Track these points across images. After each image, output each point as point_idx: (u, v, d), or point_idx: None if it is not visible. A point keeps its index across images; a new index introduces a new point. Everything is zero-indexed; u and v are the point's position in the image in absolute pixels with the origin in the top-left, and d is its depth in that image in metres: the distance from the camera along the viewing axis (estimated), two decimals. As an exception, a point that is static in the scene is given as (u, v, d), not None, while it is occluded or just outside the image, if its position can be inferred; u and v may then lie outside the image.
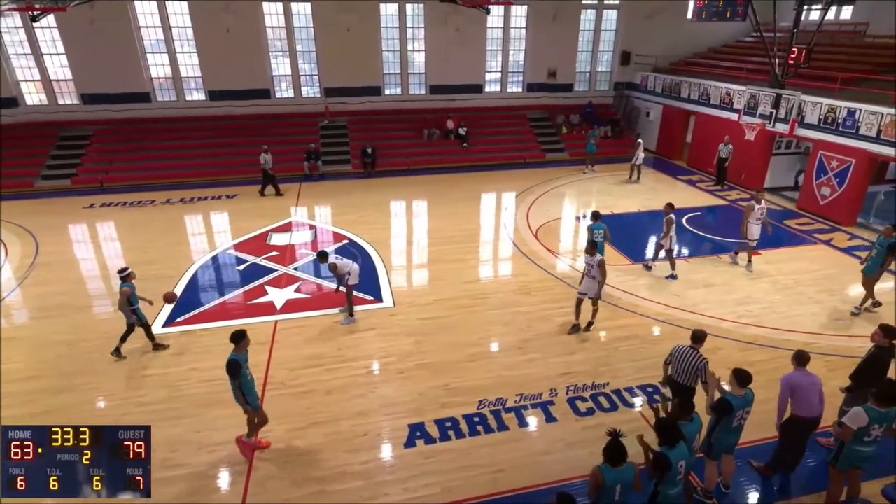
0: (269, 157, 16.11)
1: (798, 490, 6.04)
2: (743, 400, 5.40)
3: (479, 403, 7.34)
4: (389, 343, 8.81)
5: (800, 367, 5.72)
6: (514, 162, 20.24)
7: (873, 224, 14.14)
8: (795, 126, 14.95)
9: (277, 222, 14.25)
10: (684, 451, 4.67)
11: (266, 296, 10.34)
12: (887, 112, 12.75)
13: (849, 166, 13.76)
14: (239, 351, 6.09)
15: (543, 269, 11.57)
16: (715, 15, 16.79)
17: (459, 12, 19.85)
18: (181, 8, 18.65)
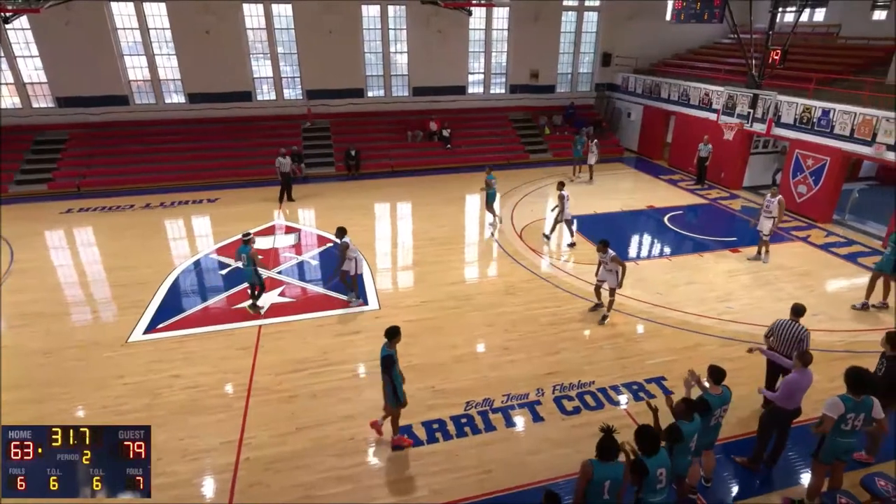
0: (287, 161, 15.88)
1: (781, 483, 6.15)
2: (720, 398, 5.46)
3: (466, 404, 7.34)
4: (375, 346, 8.67)
5: (803, 368, 5.75)
6: (498, 163, 20.26)
7: (848, 221, 14.49)
8: (772, 126, 15.25)
9: (260, 226, 14.11)
10: (665, 459, 4.66)
11: (249, 300, 10.21)
12: (860, 112, 13.07)
13: (824, 165, 14.07)
14: (392, 346, 6.15)
15: (528, 268, 11.63)
16: (693, 17, 17.08)
17: (441, 14, 19.88)
18: (159, 9, 18.38)
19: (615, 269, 9.14)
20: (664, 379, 7.86)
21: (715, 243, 13.06)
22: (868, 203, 15.27)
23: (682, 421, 5.07)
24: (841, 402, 5.15)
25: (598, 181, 18.28)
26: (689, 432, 5.02)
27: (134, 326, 9.30)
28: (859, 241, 13.19)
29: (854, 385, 5.16)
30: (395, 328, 6.23)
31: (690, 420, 5.10)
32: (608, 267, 9.22)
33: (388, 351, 6.13)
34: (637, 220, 14.85)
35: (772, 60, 14.90)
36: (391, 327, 6.24)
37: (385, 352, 6.13)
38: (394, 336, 6.18)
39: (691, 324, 9.39)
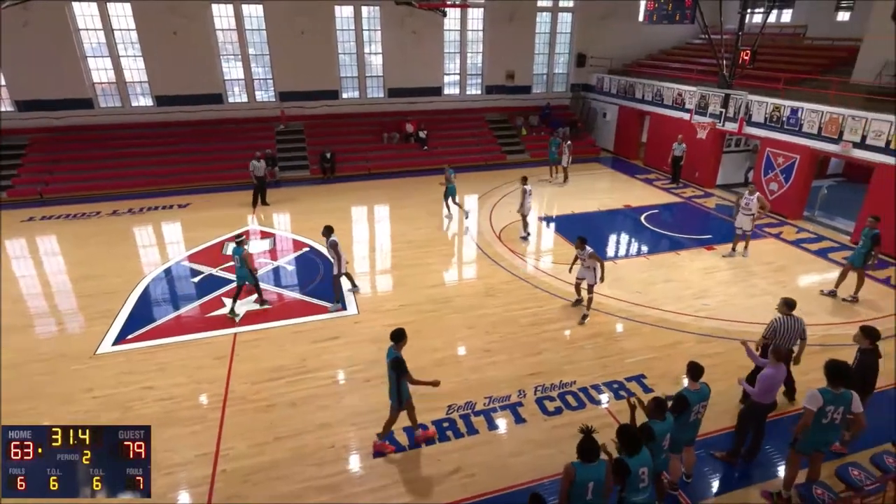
0: (262, 164, 15.63)
1: (759, 476, 6.29)
2: (698, 394, 5.56)
3: (448, 408, 7.34)
4: (354, 351, 8.71)
5: (777, 363, 5.89)
6: (476, 164, 20.41)
7: (818, 217, 14.96)
8: (743, 125, 15.66)
9: (233, 231, 13.86)
10: (646, 458, 4.70)
11: (224, 308, 10.05)
12: (827, 110, 13.51)
13: (794, 162, 14.51)
14: (398, 349, 6.16)
15: (507, 270, 11.70)
16: (664, 18, 17.43)
17: (416, 15, 19.90)
18: (124, 10, 17.98)
19: (593, 266, 9.34)
20: (644, 377, 7.99)
21: (690, 241, 13.33)
22: (836, 199, 15.80)
23: (654, 420, 5.15)
24: (820, 394, 5.28)
25: (575, 181, 18.50)
26: (660, 431, 5.07)
27: (102, 338, 9.05)
28: (829, 236, 13.62)
29: (833, 378, 5.30)
30: (401, 331, 6.24)
31: (662, 419, 5.16)
32: (586, 264, 9.42)
33: (396, 353, 6.15)
34: (614, 219, 15.07)
35: (742, 61, 15.31)
36: (397, 330, 6.24)
37: (393, 354, 6.14)
38: (400, 339, 6.20)
39: (669, 321, 9.56)
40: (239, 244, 9.60)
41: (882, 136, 12.26)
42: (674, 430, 5.28)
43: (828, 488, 5.39)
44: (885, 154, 12.27)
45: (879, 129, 12.31)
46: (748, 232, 12.15)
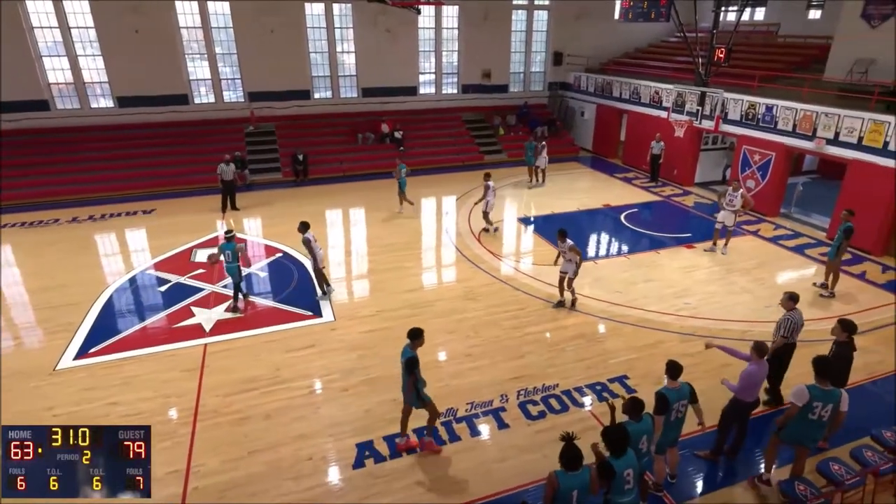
0: (230, 168, 15.35)
1: (743, 474, 6.43)
2: (678, 393, 5.63)
3: (429, 415, 7.31)
4: (331, 359, 8.62)
5: (759, 359, 6.03)
6: (453, 165, 20.45)
7: (794, 214, 15.39)
8: (720, 122, 16.03)
9: (202, 237, 13.64)
10: (632, 460, 4.75)
11: (193, 318, 9.85)
12: (801, 108, 13.93)
13: (770, 159, 14.91)
14: (414, 347, 6.22)
15: (488, 272, 11.74)
16: (640, 16, 17.78)
17: (389, 13, 19.87)
18: (81, 7, 17.53)
19: (573, 259, 9.70)
20: (627, 378, 8.09)
21: (670, 240, 13.58)
22: (812, 196, 16.28)
23: (630, 421, 5.20)
24: (807, 390, 5.44)
25: (554, 181, 18.67)
26: (635, 432, 5.11)
27: (63, 352, 8.78)
28: (805, 233, 14.02)
29: (821, 373, 5.47)
30: (418, 329, 6.31)
31: (638, 420, 5.20)
32: (567, 257, 9.77)
33: (412, 353, 6.21)
34: (594, 219, 15.26)
35: (717, 58, 15.68)
36: (414, 328, 6.32)
37: (409, 353, 6.20)
38: (417, 337, 6.26)
39: (651, 321, 9.71)
40: (229, 240, 9.75)
41: (854, 132, 12.69)
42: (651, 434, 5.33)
43: (810, 484, 5.53)
44: (857, 150, 12.69)
45: (851, 125, 12.74)
46: (730, 228, 12.44)
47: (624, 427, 4.94)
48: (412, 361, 6.18)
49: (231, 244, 9.75)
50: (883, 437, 6.20)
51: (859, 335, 9.09)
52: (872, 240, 12.49)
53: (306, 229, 10.08)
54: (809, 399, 5.45)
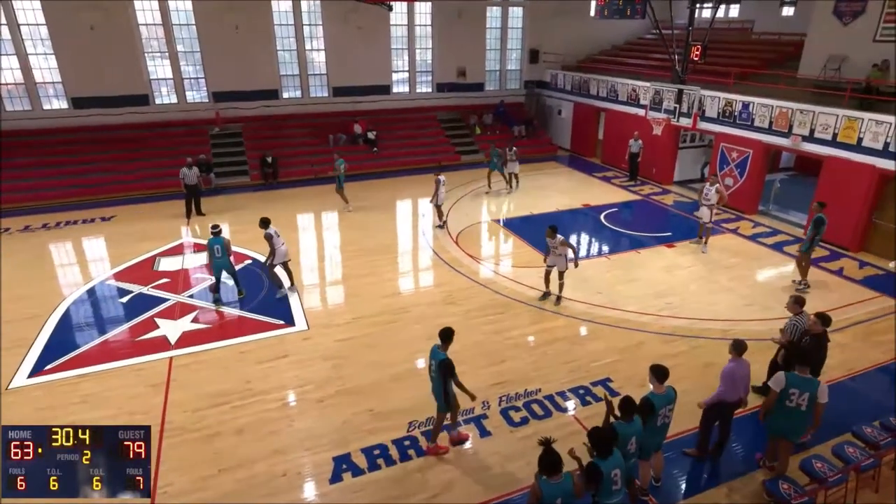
0: (193, 172, 15.05)
1: (727, 475, 6.56)
2: (664, 398, 5.73)
3: (409, 425, 7.29)
4: (305, 370, 8.53)
5: (738, 357, 6.19)
6: (429, 166, 20.38)
7: (773, 211, 15.82)
8: (698, 120, 16.40)
9: (166, 245, 13.37)
10: (619, 461, 4.81)
11: (157, 329, 9.64)
12: (776, 104, 14.35)
13: (747, 157, 15.30)
14: (445, 349, 6.34)
15: (467, 276, 11.77)
16: (616, 13, 18.09)
17: (360, 10, 19.82)
18: (31, 3, 17.05)
19: (564, 253, 10.04)
20: (610, 381, 8.19)
21: (651, 239, 13.83)
22: (789, 193, 16.76)
23: (621, 422, 5.29)
24: (784, 376, 5.70)
25: (532, 181, 18.83)
26: (625, 434, 5.20)
27: (16, 370, 8.50)
28: (783, 230, 14.43)
29: (800, 360, 5.77)
30: (450, 329, 6.44)
31: (630, 420, 5.30)
32: (558, 252, 10.05)
33: (444, 354, 6.32)
34: (574, 219, 15.44)
35: (693, 56, 16.05)
36: (447, 328, 6.43)
37: (441, 355, 6.30)
38: (449, 338, 6.38)
39: (633, 322, 9.86)
40: (217, 234, 10.12)
41: (829, 129, 13.12)
42: (641, 436, 5.42)
43: (794, 483, 5.68)
44: (832, 147, 13.12)
45: (826, 122, 13.16)
46: (707, 224, 12.76)
47: (612, 427, 5.00)
48: (448, 365, 6.28)
49: (219, 239, 10.05)
50: (863, 432, 6.41)
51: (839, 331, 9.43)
52: (849, 236, 12.91)
53: (268, 225, 10.48)
54: (786, 385, 5.67)
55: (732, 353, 6.20)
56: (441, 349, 6.35)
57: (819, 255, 12.75)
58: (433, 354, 6.41)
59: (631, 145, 18.33)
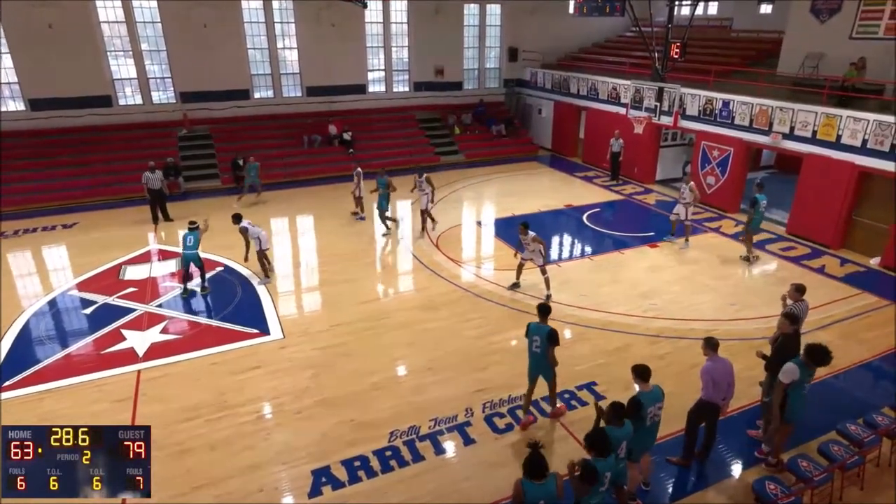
0: (157, 176, 14.80)
1: (714, 477, 6.66)
2: (651, 395, 5.82)
3: (391, 435, 7.26)
4: (281, 380, 8.44)
5: (713, 354, 6.31)
6: (407, 167, 20.36)
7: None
8: (678, 118, 16.68)
9: (132, 253, 13.11)
10: (612, 463, 4.92)
11: (124, 341, 9.45)
12: (756, 102, 14.67)
13: (728, 155, 15.61)
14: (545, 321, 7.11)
15: (448, 280, 11.77)
16: (595, 10, 18.35)
17: (333, 7, 19.77)
18: (-16, -1, 16.64)
19: (537, 249, 10.48)
20: (595, 384, 8.26)
21: (634, 239, 14.00)
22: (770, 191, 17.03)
23: (612, 427, 5.34)
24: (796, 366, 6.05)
25: (514, 181, 18.96)
26: (616, 438, 5.26)
27: (-29, 387, 8.24)
28: (765, 228, 14.67)
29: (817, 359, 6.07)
30: (548, 305, 7.22)
31: (620, 425, 5.37)
32: (531, 248, 10.52)
33: (548, 326, 7.01)
34: (557, 220, 15.57)
35: (673, 54, 16.33)
36: (544, 304, 7.23)
37: (547, 327, 6.99)
38: (549, 312, 7.15)
39: (618, 324, 9.96)
40: (193, 230, 10.76)
41: (808, 126, 13.45)
42: (630, 438, 5.48)
43: (780, 483, 5.78)
44: (812, 144, 13.45)
45: (805, 119, 13.50)
46: (685, 221, 13.16)
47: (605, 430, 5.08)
48: (556, 333, 6.99)
49: (195, 232, 10.73)
50: (848, 430, 6.57)
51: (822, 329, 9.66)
52: (830, 233, 13.25)
53: (240, 220, 11.16)
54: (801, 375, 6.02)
55: (707, 352, 6.33)
56: (544, 322, 7.04)
57: (800, 252, 13.09)
58: (536, 330, 7.01)
59: (612, 144, 18.55)
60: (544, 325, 7.03)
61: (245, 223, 11.18)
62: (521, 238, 10.64)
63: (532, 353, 7.15)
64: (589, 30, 25.09)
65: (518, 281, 11.18)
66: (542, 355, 7.03)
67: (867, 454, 6.36)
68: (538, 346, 7.02)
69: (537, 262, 10.69)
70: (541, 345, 6.98)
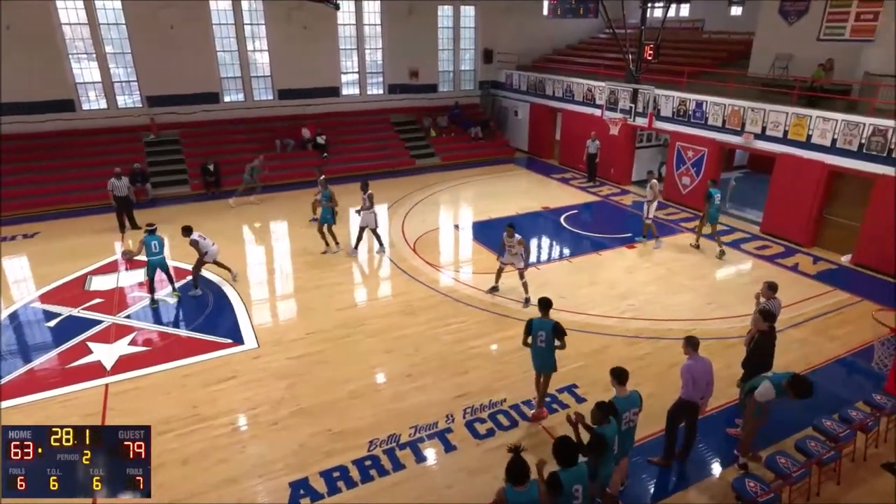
0: (123, 183, 14.47)
1: (695, 476, 6.76)
2: (628, 400, 5.87)
3: (370, 444, 7.20)
4: (256, 391, 8.31)
5: (693, 353, 6.42)
6: (382, 170, 20.38)
7: (729, 209, 16.48)
8: (653, 119, 16.97)
9: (98, 262, 12.80)
10: (581, 474, 4.87)
11: (90, 355, 9.21)
12: (729, 103, 15.01)
13: (703, 155, 15.93)
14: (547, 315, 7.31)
15: (426, 285, 11.75)
16: (569, 12, 18.59)
17: (304, 8, 19.64)
18: (-63, 0, 16.13)
19: (520, 252, 10.44)
20: (576, 386, 8.32)
21: (611, 241, 14.17)
22: (744, 191, 17.51)
23: (603, 427, 5.39)
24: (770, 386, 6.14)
25: (491, 184, 19.03)
26: (610, 437, 5.33)
27: (-73, 406, 7.95)
28: (741, 228, 15.05)
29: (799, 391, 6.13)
30: (549, 299, 7.32)
31: (609, 423, 5.46)
32: (514, 250, 10.46)
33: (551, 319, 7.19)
34: (534, 222, 15.67)
35: (647, 55, 16.62)
36: (545, 299, 7.31)
37: (550, 321, 7.17)
38: (550, 306, 7.28)
39: (596, 325, 10.06)
40: (152, 232, 10.55)
41: (779, 126, 13.80)
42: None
43: (759, 480, 5.89)
44: (783, 144, 13.80)
45: (777, 120, 13.85)
46: (646, 219, 13.60)
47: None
48: (561, 325, 7.12)
49: (155, 236, 10.48)
50: (824, 426, 6.73)
51: (796, 327, 9.89)
52: (802, 232, 13.60)
53: (190, 232, 10.89)
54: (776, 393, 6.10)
55: (688, 350, 6.43)
56: (544, 318, 7.18)
57: (774, 251, 13.41)
58: (540, 325, 7.14)
59: (588, 146, 18.78)
60: (547, 319, 7.19)
61: (195, 236, 10.90)
62: (505, 240, 10.54)
63: (537, 349, 7.28)
64: (563, 31, 25.39)
65: (497, 285, 11.19)
66: (548, 350, 7.19)
67: (843, 449, 6.52)
68: (543, 341, 7.18)
69: (517, 266, 10.66)
70: (546, 339, 7.14)
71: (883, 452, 6.98)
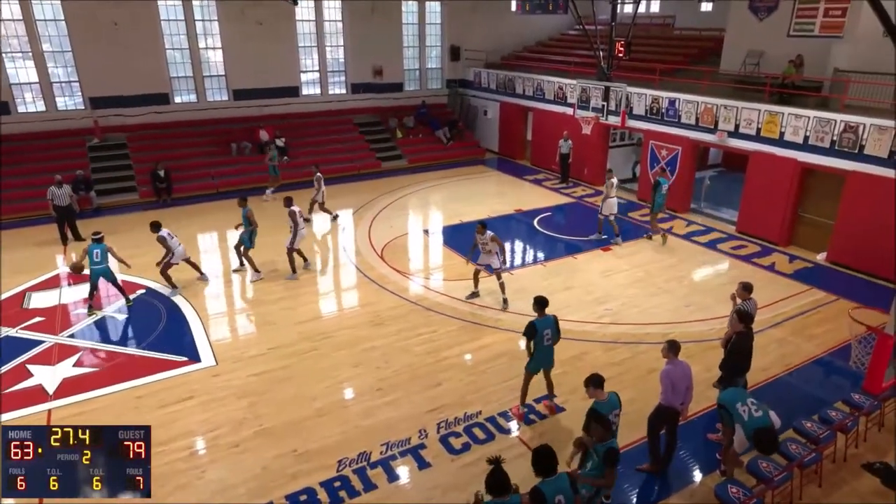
0: (65, 191, 14.10)
1: (677, 483, 6.89)
2: (608, 404, 6.00)
3: (339, 464, 7.13)
4: (215, 411, 8.14)
5: (673, 357, 6.55)
6: (347, 174, 20.29)
7: (704, 208, 16.92)
8: (626, 118, 17.30)
9: (38, 277, 12.38)
10: (563, 484, 4.90)
11: (31, 378, 8.89)
12: (701, 100, 15.42)
13: (677, 154, 16.31)
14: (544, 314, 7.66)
15: (395, 293, 11.71)
16: (538, 7, 18.87)
17: (260, 5, 19.49)
18: None
19: (495, 251, 10.56)
20: (554, 396, 8.39)
21: (586, 243, 14.37)
22: (719, 189, 18.00)
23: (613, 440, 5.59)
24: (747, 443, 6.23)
25: (460, 186, 19.11)
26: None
27: None
28: (717, 227, 15.45)
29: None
30: (544, 298, 7.60)
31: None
32: (487, 248, 10.58)
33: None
34: (507, 225, 15.78)
35: (617, 52, 16.96)
36: (541, 297, 7.58)
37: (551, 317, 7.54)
38: (546, 304, 7.55)
39: (574, 331, 10.17)
40: (99, 241, 10.58)
41: (752, 124, 14.24)
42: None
43: (741, 486, 6.04)
44: (756, 142, 14.24)
45: (749, 117, 14.29)
46: (607, 216, 14.06)
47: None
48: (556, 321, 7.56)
49: (101, 245, 10.51)
50: (804, 428, 6.94)
51: (774, 327, 10.18)
52: (778, 231, 14.03)
53: (159, 228, 11.15)
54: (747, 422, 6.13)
55: (668, 355, 6.56)
56: (541, 316, 7.47)
57: (751, 251, 13.80)
58: (543, 324, 7.43)
59: (561, 146, 19.03)
60: (547, 316, 7.51)
61: (163, 232, 11.16)
62: (477, 238, 10.65)
63: (544, 348, 7.58)
64: (532, 28, 25.72)
65: (477, 290, 11.27)
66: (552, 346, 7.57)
67: (824, 450, 6.73)
68: (549, 339, 7.53)
69: (494, 266, 10.73)
70: (552, 336, 7.52)
71: (863, 452, 7.22)
